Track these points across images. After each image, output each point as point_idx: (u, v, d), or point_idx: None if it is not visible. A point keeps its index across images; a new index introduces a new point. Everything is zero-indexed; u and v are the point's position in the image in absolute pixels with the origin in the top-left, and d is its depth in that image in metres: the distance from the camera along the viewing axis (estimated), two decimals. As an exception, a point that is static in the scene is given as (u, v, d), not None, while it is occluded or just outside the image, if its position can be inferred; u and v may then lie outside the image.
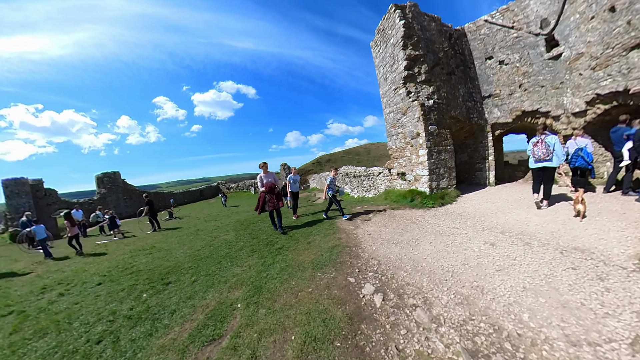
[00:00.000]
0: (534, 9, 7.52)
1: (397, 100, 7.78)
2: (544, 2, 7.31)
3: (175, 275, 4.30)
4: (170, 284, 3.94)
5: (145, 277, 4.44)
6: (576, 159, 6.14)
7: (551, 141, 5.27)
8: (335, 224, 5.89)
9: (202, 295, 3.38)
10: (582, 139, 6.34)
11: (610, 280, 2.59)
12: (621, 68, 6.13)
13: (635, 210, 4.48)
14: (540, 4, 7.38)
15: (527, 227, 4.38)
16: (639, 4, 5.36)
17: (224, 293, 3.33)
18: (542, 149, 5.28)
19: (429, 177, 6.87)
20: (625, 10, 5.55)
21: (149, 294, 3.69)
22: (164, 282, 4.06)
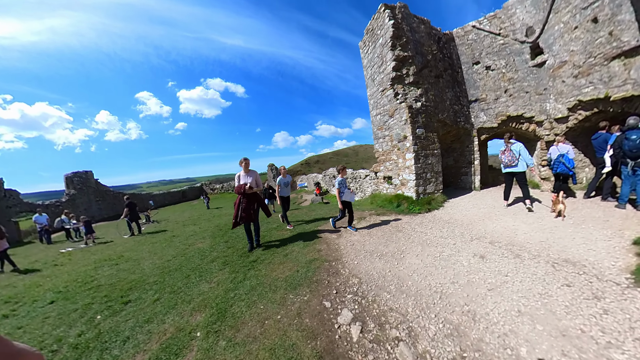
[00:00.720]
0: (520, 17, 7.58)
1: (385, 102, 7.50)
2: (529, 11, 7.36)
3: (137, 292, 3.78)
4: (130, 303, 3.45)
5: (104, 294, 3.89)
6: (558, 165, 6.18)
7: (516, 148, 5.70)
8: (317, 232, 5.49)
9: (162, 318, 2.93)
10: (564, 145, 6.36)
11: (606, 300, 2.40)
12: (602, 76, 6.21)
13: (617, 217, 4.49)
14: (526, 12, 7.43)
15: (516, 236, 4.23)
16: (621, 15, 5.40)
17: (185, 316, 2.89)
18: (508, 156, 5.76)
19: (415, 182, 6.62)
20: (607, 21, 5.62)
21: (104, 316, 3.20)
22: (123, 300, 3.55)
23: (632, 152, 4.78)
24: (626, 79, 5.79)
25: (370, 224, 5.61)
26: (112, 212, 20.47)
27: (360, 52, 8.97)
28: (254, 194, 4.64)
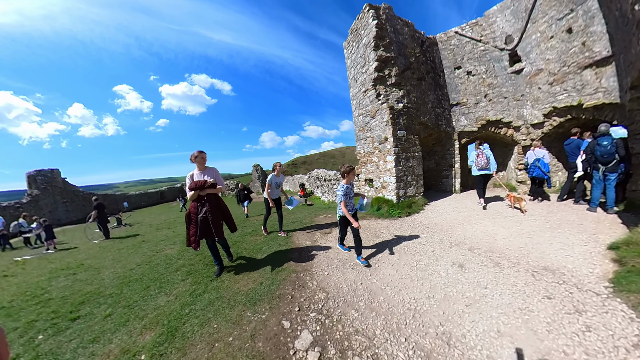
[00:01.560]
0: (500, 25, 7.69)
1: (367, 103, 7.26)
2: (509, 20, 7.47)
3: (89, 306, 3.31)
4: (79, 320, 3.00)
5: (52, 309, 3.37)
6: (534, 169, 6.28)
7: (488, 153, 6.11)
8: (292, 238, 5.10)
9: (110, 337, 2.56)
10: (539, 150, 6.43)
11: (588, 314, 2.21)
12: (576, 84, 6.32)
13: (590, 221, 4.53)
14: (506, 21, 7.55)
15: (495, 241, 4.06)
16: (593, 27, 5.54)
17: (134, 335, 2.52)
18: (483, 159, 6.07)
19: (396, 185, 6.40)
20: (581, 32, 5.78)
21: (47, 335, 2.76)
22: (71, 316, 3.08)
23: (604, 157, 4.83)
24: (597, 88, 5.89)
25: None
26: (81, 215, 18.83)
27: (344, 52, 8.72)
28: (217, 198, 3.56)
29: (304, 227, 5.81)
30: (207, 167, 3.59)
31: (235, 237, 5.66)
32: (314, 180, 15.67)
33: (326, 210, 7.66)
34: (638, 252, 2.88)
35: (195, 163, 3.52)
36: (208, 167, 3.60)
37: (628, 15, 4.12)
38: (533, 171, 6.30)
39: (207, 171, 3.56)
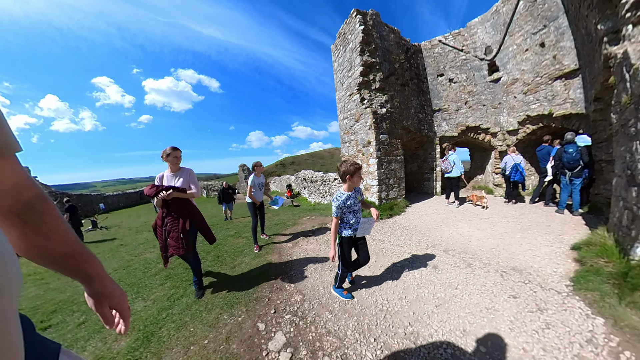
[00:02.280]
0: (481, 36, 8.08)
1: (351, 107, 7.35)
2: (489, 32, 7.87)
3: (61, 315, 3.13)
4: (50, 329, 2.84)
5: None
6: (515, 173, 6.53)
7: (452, 159, 6.76)
8: (274, 240, 5.08)
9: (83, 344, 2.44)
10: (517, 155, 6.75)
11: (549, 312, 2.33)
12: (547, 94, 6.69)
13: (557, 222, 4.81)
14: (486, 33, 7.94)
15: (470, 242, 4.22)
16: (563, 42, 5.99)
17: (109, 342, 2.42)
18: (445, 164, 6.84)
19: (378, 188, 6.54)
20: (552, 46, 6.24)
21: None
22: (43, 325, 2.91)
23: (570, 163, 5.16)
24: (566, 98, 6.27)
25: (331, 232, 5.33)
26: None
27: (332, 55, 8.80)
28: (187, 206, 2.93)
29: (287, 229, 5.79)
30: (181, 168, 2.98)
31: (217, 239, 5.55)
32: (301, 181, 15.65)
33: (311, 212, 7.67)
34: (596, 252, 3.06)
35: (167, 162, 2.87)
36: (183, 168, 2.99)
37: (592, 34, 4.41)
38: (515, 175, 6.56)
39: (180, 173, 2.93)
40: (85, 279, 0.71)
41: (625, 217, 3.02)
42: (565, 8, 5.82)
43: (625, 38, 3.42)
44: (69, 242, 0.67)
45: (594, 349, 1.87)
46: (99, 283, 0.73)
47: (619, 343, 1.90)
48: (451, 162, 6.72)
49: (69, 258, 0.67)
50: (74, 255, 0.68)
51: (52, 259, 0.65)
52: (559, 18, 6.00)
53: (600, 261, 2.88)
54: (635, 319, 2.09)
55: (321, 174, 11.12)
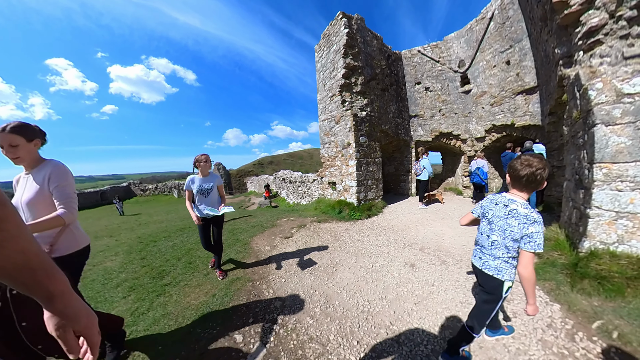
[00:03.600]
0: (455, 50, 8.67)
1: (332, 108, 7.37)
2: (463, 47, 8.48)
3: None
4: None
5: None
6: (474, 176, 7.21)
7: (422, 163, 7.26)
8: (250, 242, 4.86)
9: None
10: (481, 160, 7.37)
11: (515, 302, 2.56)
12: (510, 107, 7.38)
13: None
14: (460, 48, 8.55)
15: (443, 241, 4.47)
16: (525, 62, 6.71)
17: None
18: (417, 167, 7.36)
19: (357, 189, 6.62)
20: (516, 64, 6.94)
21: None
22: None
23: None
24: (526, 111, 6.95)
25: (310, 232, 5.25)
26: None
27: (315, 56, 8.75)
28: None
29: (265, 231, 5.59)
30: (46, 160, 1.70)
31: (188, 243, 5.18)
32: (279, 181, 15.38)
33: (290, 213, 7.53)
34: (551, 246, 3.40)
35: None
36: (46, 161, 1.70)
37: (550, 56, 4.94)
38: (473, 178, 7.32)
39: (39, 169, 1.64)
40: (46, 297, 0.60)
41: (574, 215, 3.42)
42: (528, 32, 6.48)
43: (577, 62, 3.92)
44: (29, 252, 0.57)
45: (553, 333, 2.08)
46: (62, 302, 0.62)
47: (573, 325, 2.13)
48: (421, 166, 7.24)
49: (27, 271, 0.56)
50: (33, 268, 0.57)
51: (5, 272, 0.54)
52: (522, 40, 6.67)
53: (555, 254, 3.22)
54: (585, 304, 2.39)
55: (300, 175, 11.01)
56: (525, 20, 6.54)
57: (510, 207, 1.50)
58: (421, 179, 7.32)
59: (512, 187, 1.57)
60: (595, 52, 3.77)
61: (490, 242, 1.60)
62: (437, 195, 7.82)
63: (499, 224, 1.54)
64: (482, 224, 1.71)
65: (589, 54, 3.86)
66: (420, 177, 7.33)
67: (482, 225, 1.72)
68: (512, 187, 1.57)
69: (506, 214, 1.51)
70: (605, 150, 2.89)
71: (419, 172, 7.31)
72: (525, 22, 6.55)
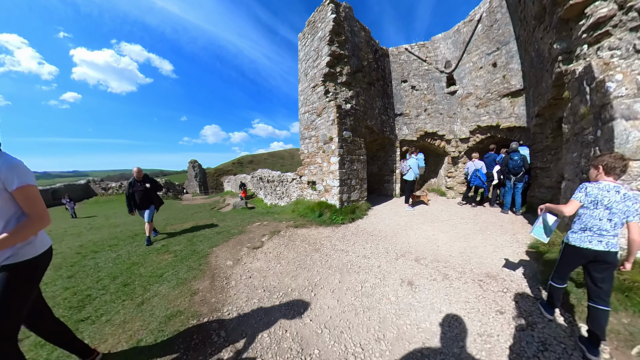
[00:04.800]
0: (442, 51, 8.42)
1: (314, 99, 6.58)
2: (449, 48, 8.25)
3: None
4: None
5: None
6: (475, 179, 6.68)
7: (409, 162, 6.75)
8: (208, 255, 3.86)
9: None
10: (478, 161, 6.87)
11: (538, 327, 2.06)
12: (496, 109, 7.17)
13: (506, 222, 5.13)
14: (447, 49, 8.31)
15: (438, 247, 3.93)
16: (512, 64, 6.51)
17: None
18: (403, 166, 6.89)
19: (339, 189, 5.85)
20: (503, 67, 6.74)
21: None
22: None
23: (515, 169, 5.62)
24: (511, 113, 6.73)
25: (285, 240, 4.37)
26: None
27: (298, 44, 7.93)
28: None
29: (231, 239, 4.61)
30: None
31: (135, 256, 4.06)
32: (257, 181, 14.28)
33: (264, 216, 6.59)
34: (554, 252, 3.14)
35: None
36: None
37: (545, 54, 4.60)
38: (474, 180, 6.68)
39: None
40: None
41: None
42: (516, 35, 6.32)
43: (580, 57, 3.56)
44: None
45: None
46: None
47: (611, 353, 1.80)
48: (407, 165, 6.72)
49: None
50: None
51: None
52: (510, 43, 6.51)
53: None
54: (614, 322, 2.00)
55: (278, 174, 10.06)
56: (514, 23, 6.38)
57: (622, 192, 1.74)
58: (407, 179, 6.80)
59: (605, 177, 1.82)
60: (602, 44, 3.41)
61: (613, 224, 1.75)
62: (422, 196, 7.36)
63: (619, 207, 1.72)
64: (597, 211, 1.80)
65: (595, 47, 3.50)
66: (406, 177, 6.80)
67: (596, 212, 1.81)
68: (606, 177, 1.82)
69: (622, 198, 1.72)
70: (626, 146, 2.59)
71: (405, 171, 6.79)
72: (513, 24, 6.40)
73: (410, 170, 6.67)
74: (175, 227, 6.35)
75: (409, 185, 6.85)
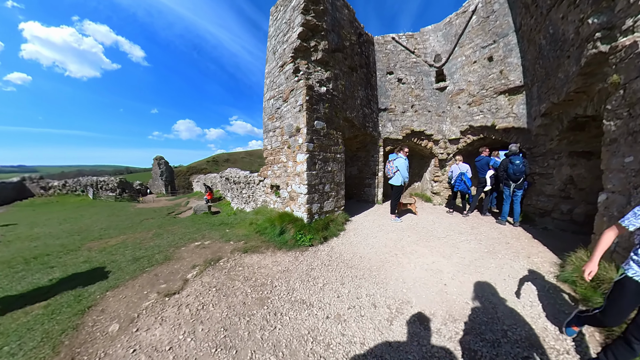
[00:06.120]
0: (432, 43, 7.50)
1: (281, 81, 5.05)
2: (440, 41, 7.33)
3: None
4: None
5: None
6: (459, 183, 5.91)
7: (397, 163, 5.36)
8: (92, 307, 2.25)
9: None
10: (463, 164, 6.05)
11: None
12: (491, 107, 6.26)
13: (510, 237, 4.26)
14: (437, 41, 7.39)
15: (446, 288, 2.62)
16: (510, 58, 5.61)
17: None
18: (389, 168, 5.47)
19: (307, 197, 4.30)
20: (500, 61, 5.85)
21: None
22: None
23: (516, 175, 4.74)
24: (509, 113, 5.83)
25: (221, 279, 2.80)
26: None
27: (270, 19, 6.37)
28: None
29: (141, 275, 2.95)
30: None
31: None
32: (225, 181, 12.39)
33: (214, 229, 4.96)
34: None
35: None
36: None
37: (567, 36, 3.63)
38: (459, 185, 5.92)
39: None
40: None
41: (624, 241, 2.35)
42: (516, 26, 5.54)
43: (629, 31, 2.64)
44: None
45: None
46: None
47: None
48: (394, 167, 5.34)
49: None
50: None
51: None
52: (508, 35, 5.63)
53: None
54: None
55: (245, 174, 8.37)
56: (513, 13, 5.56)
57: None
58: (394, 183, 5.39)
59: None
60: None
61: None
62: (411, 205, 6.05)
63: None
64: None
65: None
66: (393, 182, 5.39)
67: None
68: None
69: None
70: None
71: (391, 174, 5.39)
72: (513, 15, 5.58)
73: (398, 173, 5.28)
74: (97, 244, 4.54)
75: (396, 191, 5.47)
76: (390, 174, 5.39)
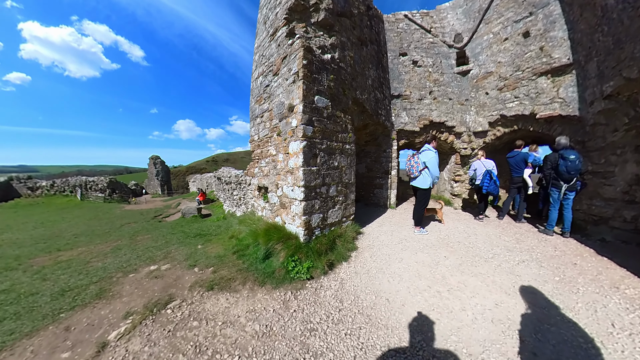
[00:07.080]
0: (451, 22, 6.40)
1: (272, 51, 3.80)
2: (460, 19, 6.26)
3: None
4: None
5: None
6: (488, 182, 4.76)
7: (423, 157, 4.00)
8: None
9: None
10: (488, 161, 4.95)
11: None
12: (529, 92, 5.01)
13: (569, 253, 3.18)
14: (457, 19, 6.31)
15: (537, 358, 1.34)
16: (553, 32, 4.55)
17: None
18: (412, 165, 4.09)
19: (305, 205, 2.93)
20: (539, 36, 4.81)
21: None
22: None
23: (570, 173, 3.72)
24: (554, 97, 4.60)
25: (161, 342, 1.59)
26: None
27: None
28: None
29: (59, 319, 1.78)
30: None
31: None
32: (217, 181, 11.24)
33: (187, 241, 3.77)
34: None
35: None
36: None
37: None
38: (489, 185, 4.72)
39: None
40: None
41: None
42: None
43: None
44: None
45: None
46: None
47: None
48: (419, 163, 3.96)
49: None
50: None
51: None
52: (550, 5, 4.57)
53: None
54: None
55: (236, 173, 7.18)
56: None
57: None
58: (419, 186, 3.97)
59: None
60: None
61: None
62: (437, 211, 4.78)
63: None
64: None
65: None
66: (418, 184, 3.98)
67: None
68: None
69: None
70: None
71: (416, 173, 3.96)
72: None
73: (425, 171, 3.88)
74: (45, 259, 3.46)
75: (422, 196, 4.06)
76: (415, 173, 3.95)
